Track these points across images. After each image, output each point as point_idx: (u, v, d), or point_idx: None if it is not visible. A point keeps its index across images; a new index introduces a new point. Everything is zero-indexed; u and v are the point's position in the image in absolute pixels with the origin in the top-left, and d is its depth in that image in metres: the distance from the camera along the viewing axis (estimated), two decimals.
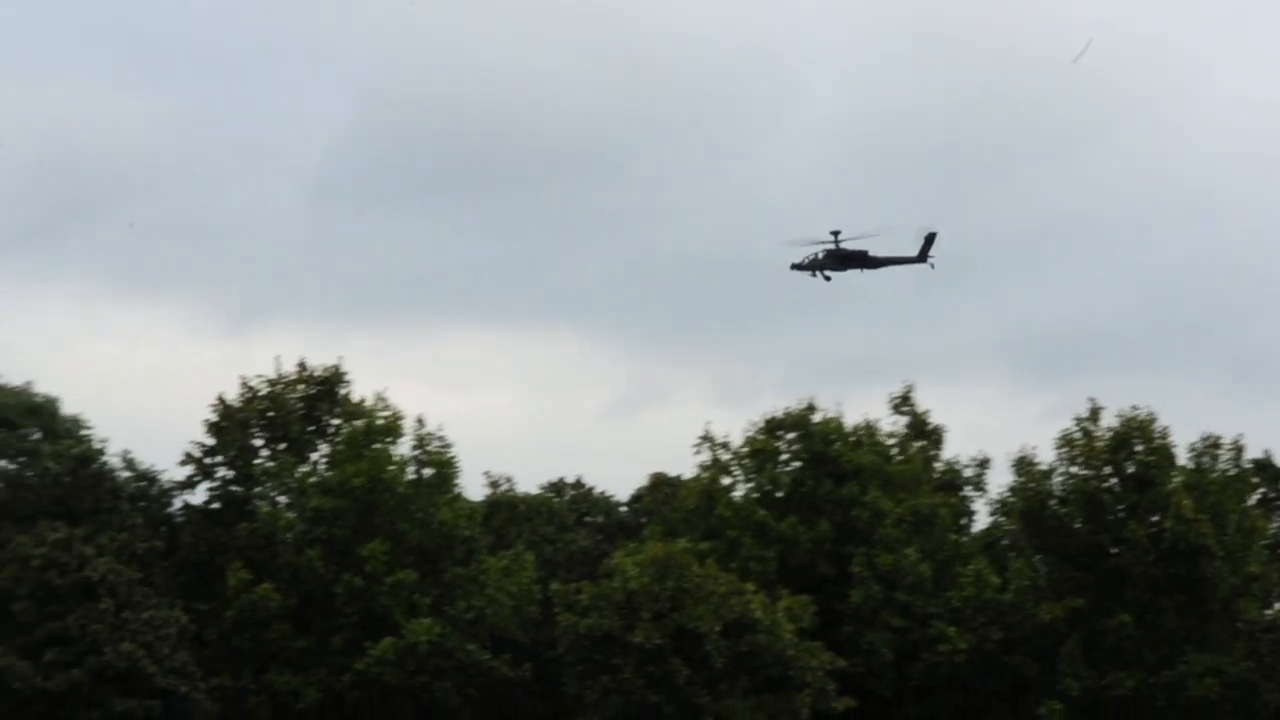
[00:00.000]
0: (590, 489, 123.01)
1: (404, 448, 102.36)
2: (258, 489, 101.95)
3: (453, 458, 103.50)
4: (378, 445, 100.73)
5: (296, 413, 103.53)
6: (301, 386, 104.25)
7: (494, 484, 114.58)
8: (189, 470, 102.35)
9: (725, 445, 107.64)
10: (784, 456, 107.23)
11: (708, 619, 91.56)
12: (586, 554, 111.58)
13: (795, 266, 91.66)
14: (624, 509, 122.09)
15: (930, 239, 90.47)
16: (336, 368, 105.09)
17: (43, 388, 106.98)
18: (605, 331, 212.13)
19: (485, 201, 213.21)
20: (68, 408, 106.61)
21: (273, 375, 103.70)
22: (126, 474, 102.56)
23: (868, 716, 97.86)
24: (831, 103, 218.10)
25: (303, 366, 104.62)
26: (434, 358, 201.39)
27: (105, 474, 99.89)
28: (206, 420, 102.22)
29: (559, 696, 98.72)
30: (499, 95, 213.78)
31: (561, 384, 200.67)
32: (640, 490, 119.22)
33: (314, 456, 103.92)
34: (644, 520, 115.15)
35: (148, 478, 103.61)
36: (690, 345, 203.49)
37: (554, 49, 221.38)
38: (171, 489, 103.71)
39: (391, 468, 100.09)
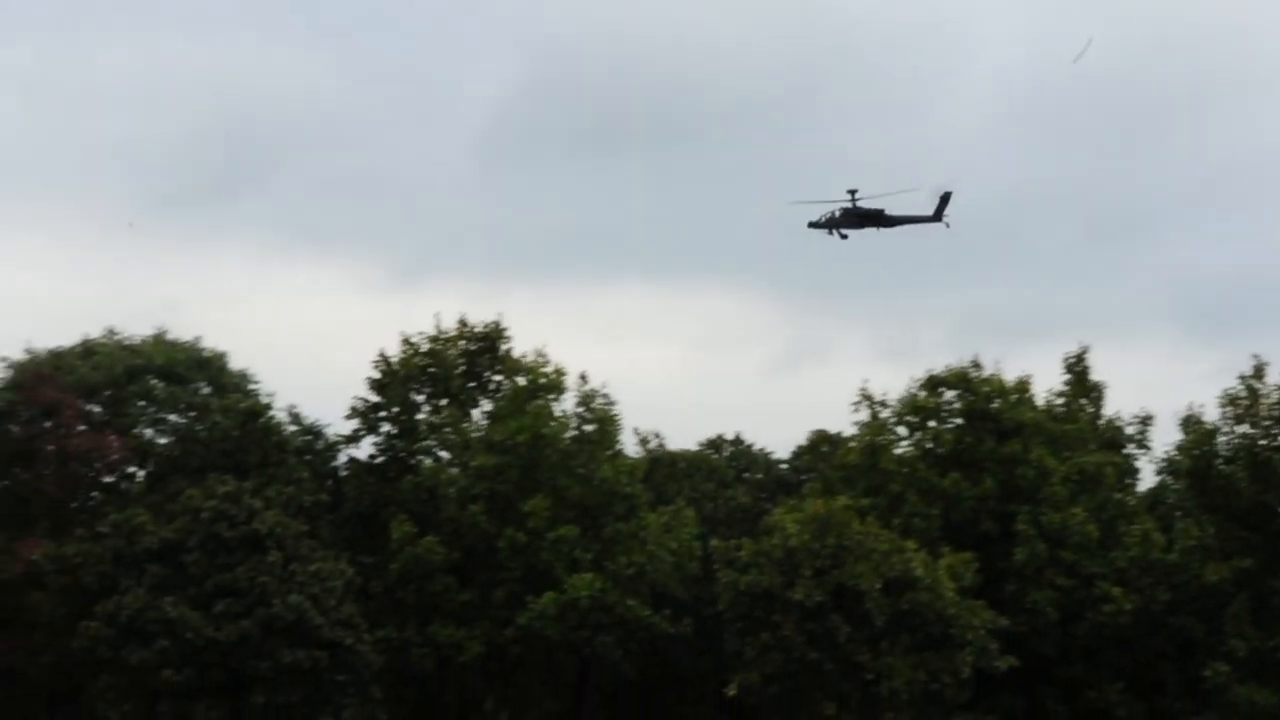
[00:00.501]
0: (749, 446, 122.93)
1: (566, 404, 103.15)
2: (421, 444, 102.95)
3: (615, 414, 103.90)
4: (539, 401, 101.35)
5: (458, 368, 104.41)
6: (462, 343, 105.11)
7: (643, 441, 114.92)
8: (354, 425, 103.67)
9: (883, 403, 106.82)
10: (945, 413, 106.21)
11: (868, 576, 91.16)
12: (746, 511, 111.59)
13: (812, 224, 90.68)
14: (784, 466, 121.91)
15: (945, 198, 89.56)
16: (497, 324, 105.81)
17: (211, 343, 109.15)
18: (768, 288, 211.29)
19: (651, 157, 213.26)
20: (236, 363, 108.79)
21: (433, 331, 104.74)
22: (293, 428, 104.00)
23: (1031, 675, 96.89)
24: (1002, 60, 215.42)
25: (464, 323, 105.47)
26: (596, 314, 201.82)
27: (272, 428, 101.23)
28: (369, 377, 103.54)
29: (719, 652, 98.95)
30: (667, 51, 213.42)
31: (723, 340, 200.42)
32: (800, 447, 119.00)
33: (475, 413, 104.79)
34: (804, 477, 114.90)
35: (313, 432, 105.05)
36: (852, 302, 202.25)
37: (724, 4, 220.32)
38: (337, 443, 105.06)
39: (553, 424, 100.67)
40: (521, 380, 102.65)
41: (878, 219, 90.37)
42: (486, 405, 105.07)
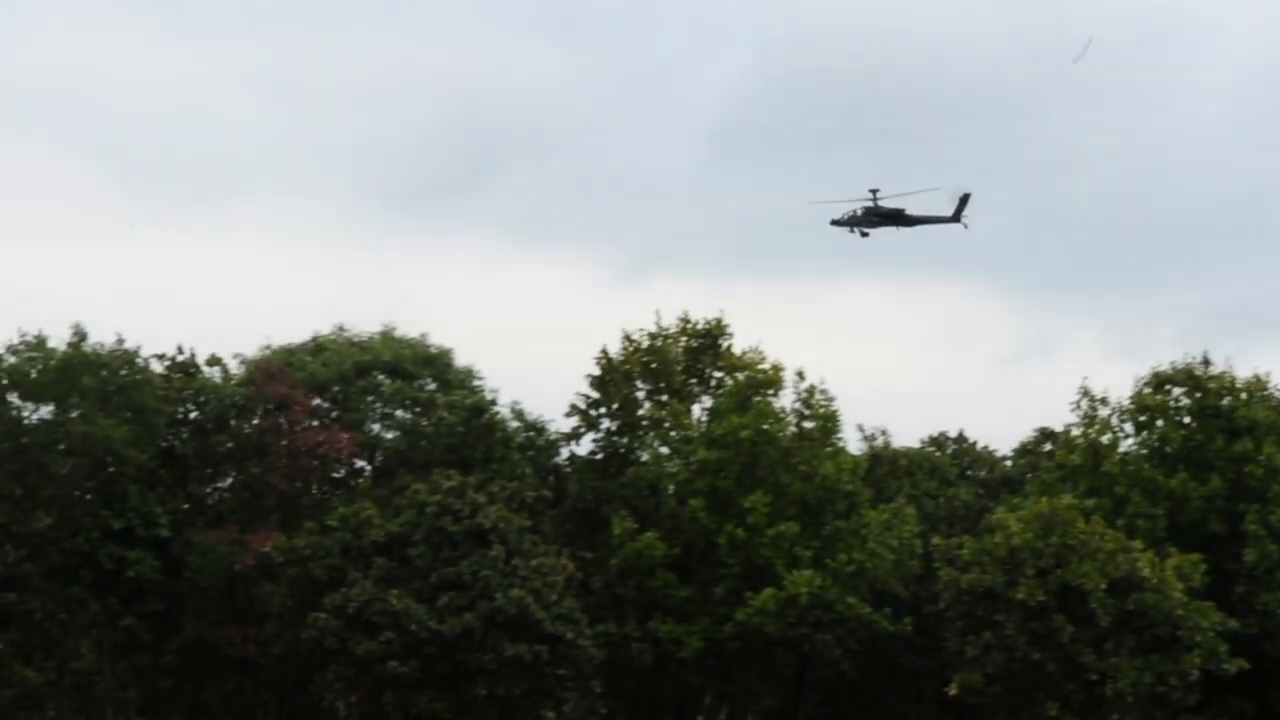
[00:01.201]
0: (973, 443, 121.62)
1: (785, 400, 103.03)
2: (641, 440, 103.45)
3: (835, 411, 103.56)
4: (758, 398, 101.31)
5: (679, 365, 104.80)
6: (684, 339, 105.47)
7: (869, 438, 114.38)
8: (575, 421, 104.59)
9: (1104, 400, 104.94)
10: (1171, 411, 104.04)
11: (1093, 576, 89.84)
12: (968, 509, 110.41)
13: (834, 222, 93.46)
14: (1008, 463, 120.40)
15: (964, 199, 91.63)
16: (719, 320, 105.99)
17: (438, 339, 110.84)
18: (996, 283, 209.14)
19: (880, 151, 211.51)
20: (461, 359, 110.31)
21: (654, 328, 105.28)
22: (516, 424, 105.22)
23: (1261, 679, 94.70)
24: (1246, 49, 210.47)
25: (685, 319, 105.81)
26: (820, 310, 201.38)
27: (496, 424, 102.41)
28: (590, 374, 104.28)
29: (940, 651, 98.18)
30: (898, 44, 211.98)
31: (949, 336, 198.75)
32: (1025, 444, 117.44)
33: (696, 409, 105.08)
34: (1028, 475, 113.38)
35: (536, 428, 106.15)
36: (1084, 298, 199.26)
37: None
38: (558, 439, 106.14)
39: (774, 421, 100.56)
40: (741, 376, 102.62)
41: (898, 218, 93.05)
42: (707, 401, 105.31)
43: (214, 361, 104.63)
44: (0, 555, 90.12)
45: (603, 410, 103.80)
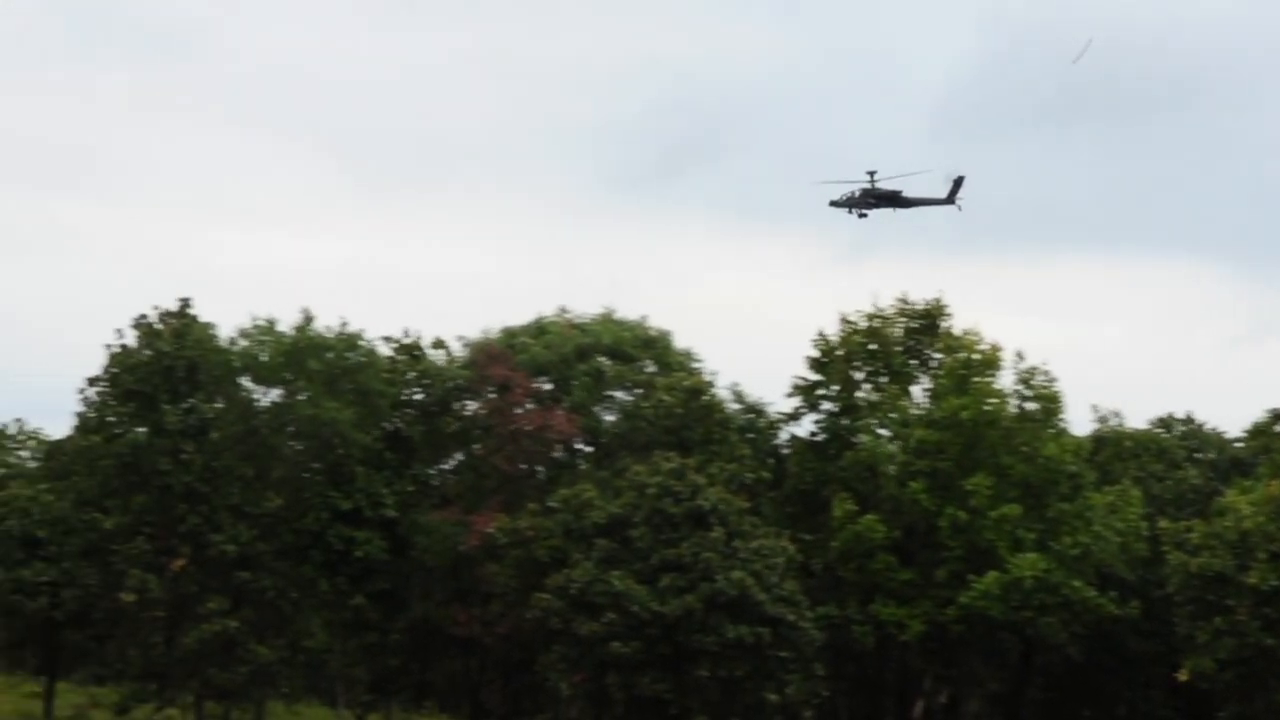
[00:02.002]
0: (1201, 424, 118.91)
1: (1005, 381, 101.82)
2: (861, 421, 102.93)
3: (1057, 392, 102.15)
4: (978, 379, 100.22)
5: (897, 346, 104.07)
6: (903, 320, 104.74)
7: (1102, 419, 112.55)
8: (794, 403, 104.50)
9: None
10: None
11: None
12: (1197, 491, 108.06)
13: (833, 203, 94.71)
14: (1238, 445, 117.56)
15: (959, 182, 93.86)
16: (938, 300, 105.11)
17: (657, 321, 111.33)
18: (1225, 261, 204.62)
19: (1102, 129, 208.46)
20: (680, 341, 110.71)
21: (872, 310, 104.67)
22: (735, 406, 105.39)
23: None
24: None
25: (904, 300, 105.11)
26: (1043, 288, 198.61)
27: (715, 406, 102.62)
28: (809, 355, 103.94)
29: (1168, 636, 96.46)
30: (1124, 19, 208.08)
31: (1175, 315, 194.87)
32: (1257, 425, 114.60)
33: (916, 390, 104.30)
34: (1259, 457, 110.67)
35: (755, 410, 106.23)
36: None
37: None
38: (778, 421, 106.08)
39: (994, 401, 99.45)
40: (959, 357, 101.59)
41: (894, 200, 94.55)
42: (926, 383, 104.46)
43: (439, 344, 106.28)
44: (234, 535, 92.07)
45: (822, 392, 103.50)
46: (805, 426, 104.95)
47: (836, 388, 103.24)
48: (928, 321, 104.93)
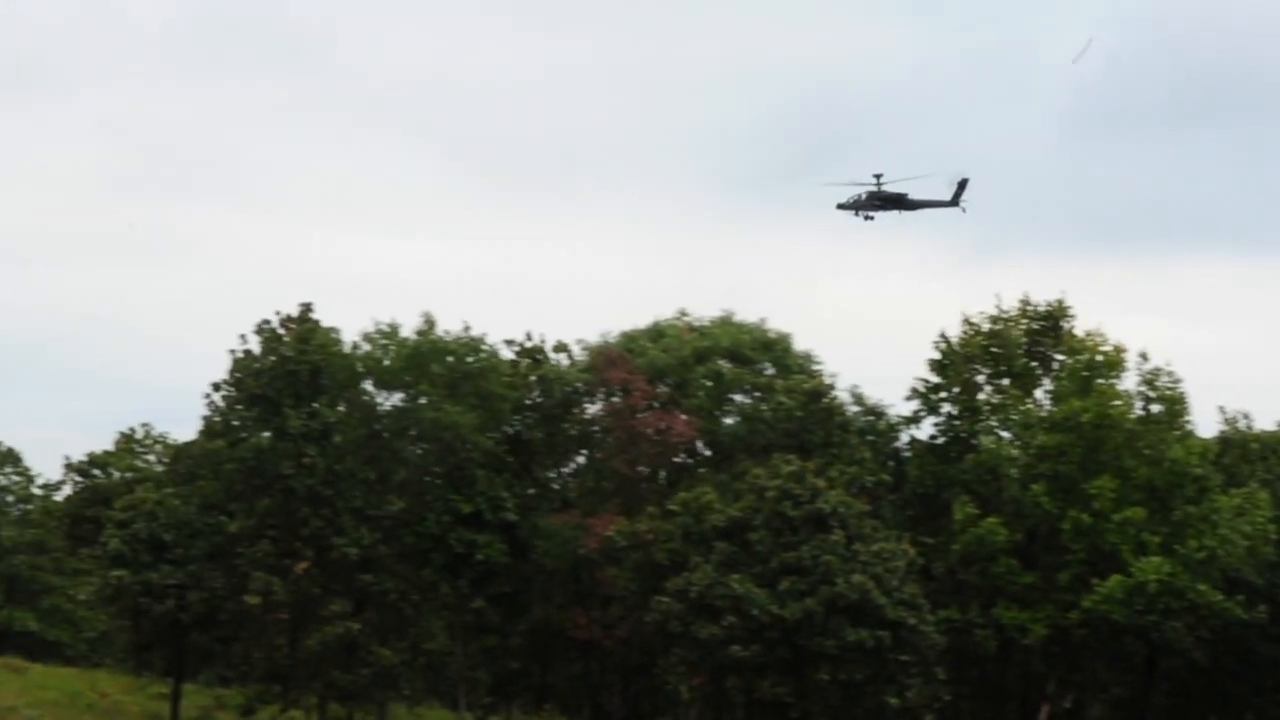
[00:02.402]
0: None
1: (1129, 382, 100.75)
2: (982, 424, 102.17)
3: (1182, 393, 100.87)
4: (1101, 381, 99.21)
5: (1019, 348, 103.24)
6: (1025, 321, 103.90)
7: (1229, 421, 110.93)
8: (915, 405, 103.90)
9: None
10: None
11: None
12: None
13: (840, 206, 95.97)
14: None
15: (962, 184, 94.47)
16: (1060, 302, 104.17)
17: (777, 324, 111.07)
18: None
19: (1238, 128, 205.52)
20: (800, 343, 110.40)
21: (994, 311, 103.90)
22: (855, 409, 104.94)
23: None
24: None
25: (1026, 302, 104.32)
26: (1168, 289, 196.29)
27: (835, 408, 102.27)
28: (930, 357, 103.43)
29: None
30: (1254, 15, 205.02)
31: None
32: None
33: (1038, 392, 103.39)
34: None
35: (875, 413, 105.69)
36: None
37: None
38: (898, 424, 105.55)
39: (1117, 403, 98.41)
40: (1081, 359, 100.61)
41: (900, 202, 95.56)
42: (1049, 385, 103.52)
43: (560, 348, 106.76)
44: (356, 538, 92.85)
45: (943, 394, 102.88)
46: (926, 429, 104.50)
47: (957, 390, 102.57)
48: (1050, 323, 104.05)
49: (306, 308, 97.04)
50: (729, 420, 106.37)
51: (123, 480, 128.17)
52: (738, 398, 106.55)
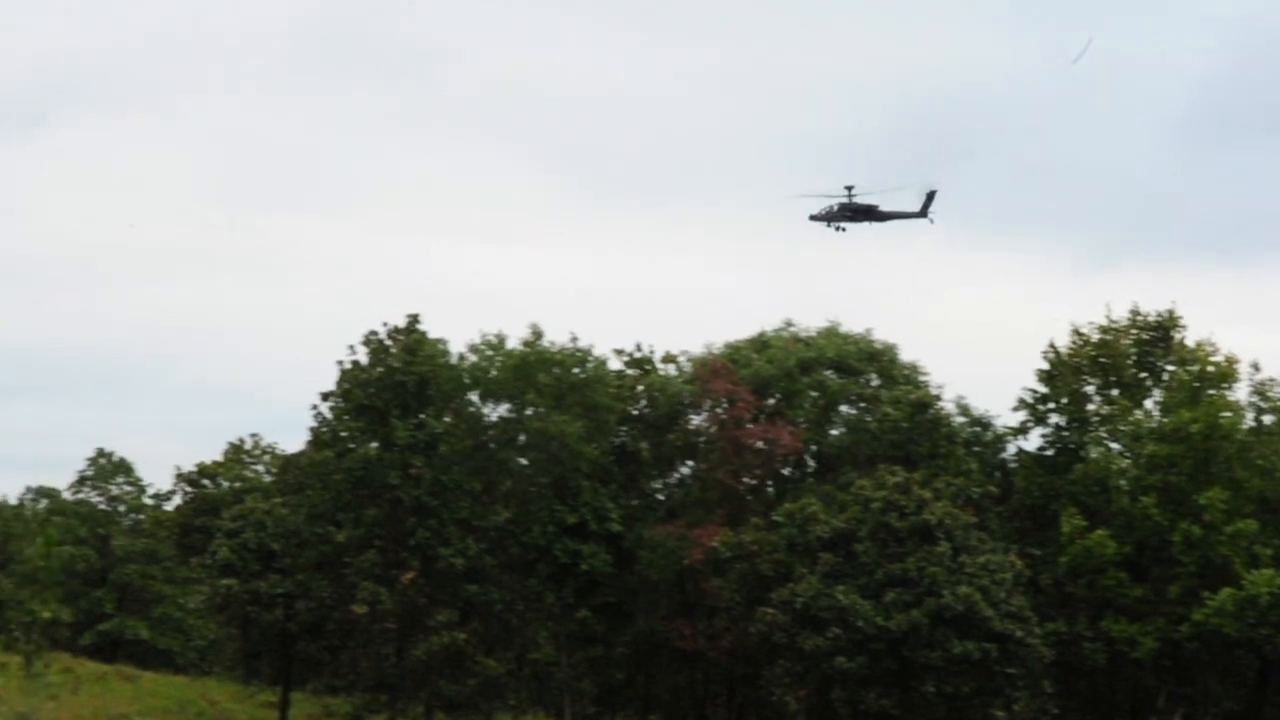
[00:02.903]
0: None
1: (1240, 393, 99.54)
2: (1090, 435, 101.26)
3: None
4: (1212, 392, 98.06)
5: (1129, 359, 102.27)
6: (1134, 332, 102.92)
7: None
8: (1022, 416, 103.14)
9: None
10: None
11: None
12: None
13: (812, 217, 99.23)
14: None
15: (931, 196, 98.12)
16: (1171, 312, 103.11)
17: (882, 335, 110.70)
18: None
19: None
20: (906, 354, 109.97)
21: (1104, 321, 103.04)
22: (961, 420, 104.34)
23: None
24: None
25: (1135, 312, 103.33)
26: None
27: (941, 419, 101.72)
28: (1039, 368, 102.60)
29: None
30: None
31: None
32: None
33: (1148, 403, 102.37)
34: None
35: (982, 424, 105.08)
36: None
37: None
38: (1005, 435, 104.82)
39: (1228, 414, 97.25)
40: (1191, 369, 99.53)
41: (870, 213, 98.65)
42: (1158, 395, 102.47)
43: (669, 359, 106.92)
44: (462, 549, 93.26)
45: (1051, 405, 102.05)
46: (1033, 440, 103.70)
47: (1065, 400, 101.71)
48: (1160, 333, 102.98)
49: (414, 319, 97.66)
50: (834, 431, 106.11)
51: (231, 490, 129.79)
52: (843, 409, 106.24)
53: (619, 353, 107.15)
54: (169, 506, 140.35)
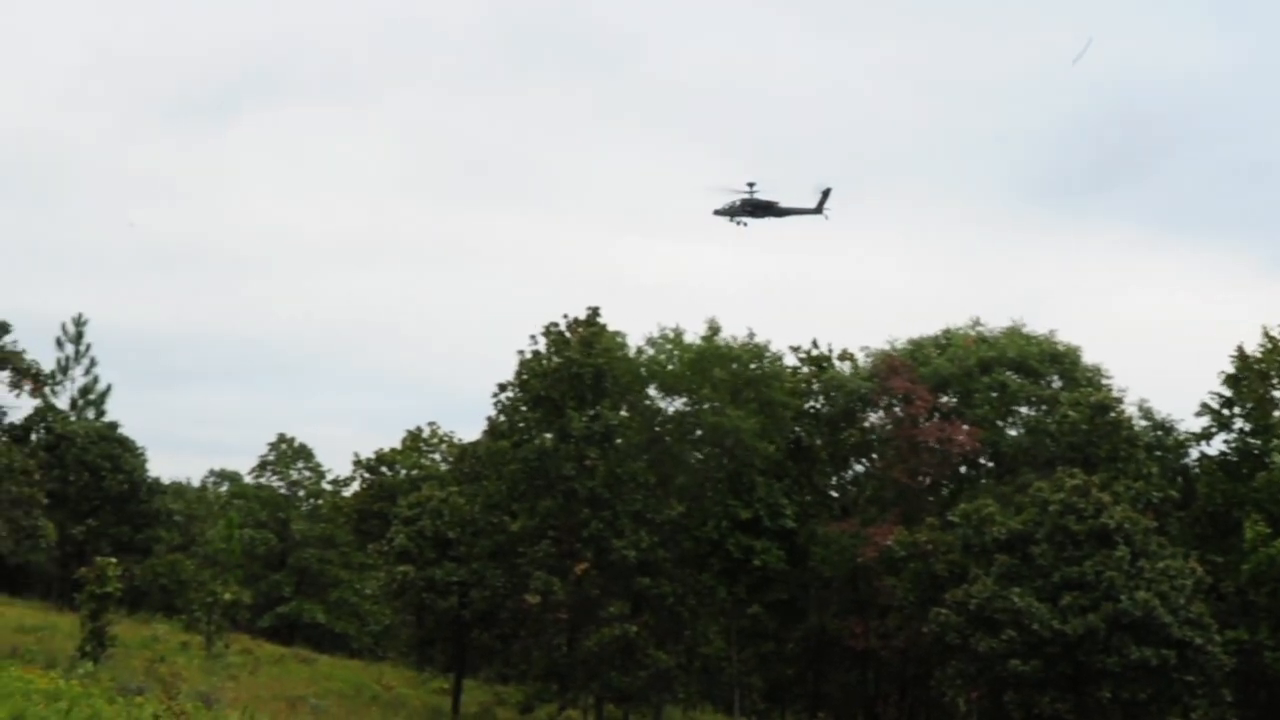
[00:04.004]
0: None
1: None
2: (1276, 442, 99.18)
3: None
4: None
5: None
6: None
7: None
8: (1205, 421, 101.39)
9: None
10: None
11: None
12: None
13: (716, 212, 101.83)
14: None
15: (826, 193, 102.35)
16: None
17: (1067, 336, 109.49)
18: None
19: None
20: (1089, 356, 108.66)
21: None
22: (1143, 423, 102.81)
23: None
24: None
25: None
26: None
27: (1122, 423, 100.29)
28: (1224, 372, 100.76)
29: None
30: None
31: None
32: None
33: None
34: None
35: (1164, 427, 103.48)
36: None
37: None
38: (1188, 439, 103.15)
39: None
40: None
41: (770, 209, 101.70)
42: None
43: (845, 356, 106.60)
44: (635, 541, 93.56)
45: (1236, 410, 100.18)
46: (1217, 445, 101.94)
47: (1251, 406, 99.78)
48: None
49: (593, 312, 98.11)
50: (1012, 432, 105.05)
51: (408, 478, 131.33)
52: (1023, 409, 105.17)
53: (795, 349, 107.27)
54: (347, 493, 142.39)
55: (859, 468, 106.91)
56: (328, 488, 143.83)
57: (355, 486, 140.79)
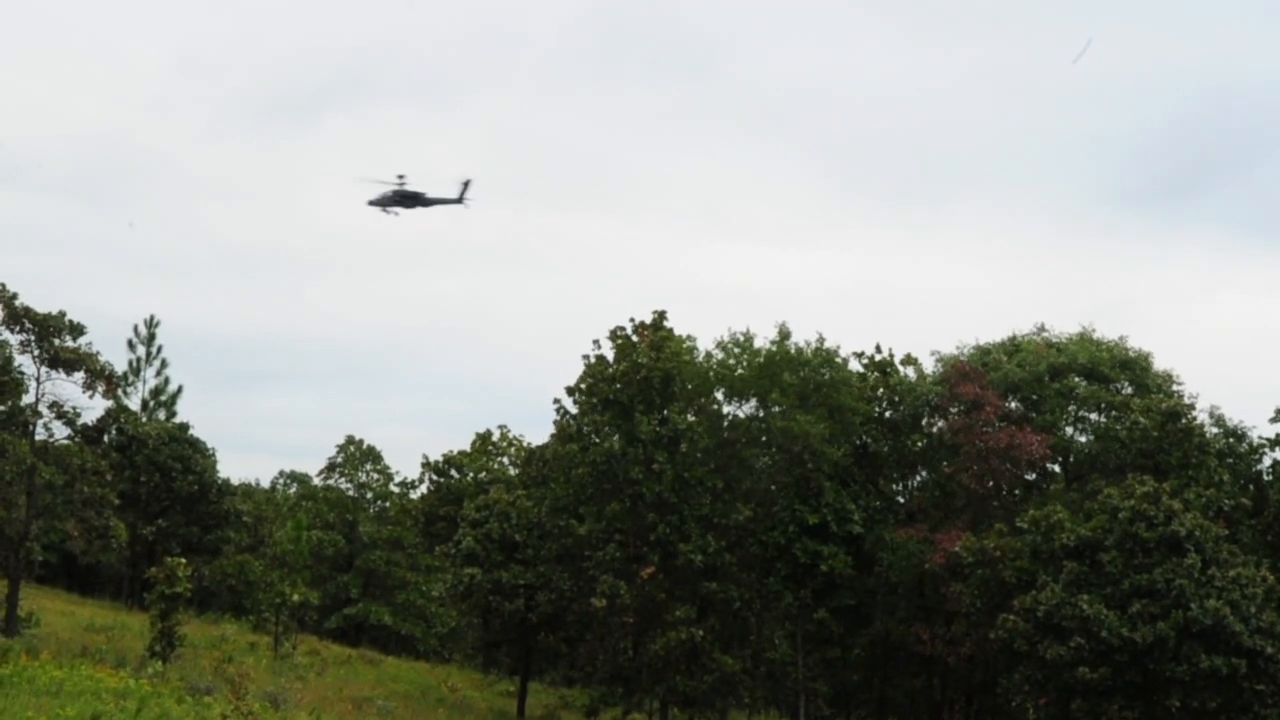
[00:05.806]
0: None
1: None
2: None
3: None
4: None
5: None
6: None
7: None
8: (1279, 428, 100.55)
9: None
10: None
11: None
12: None
13: (370, 203, 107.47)
14: None
15: (466, 184, 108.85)
16: None
17: (1137, 342, 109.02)
18: None
19: None
20: (1161, 363, 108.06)
21: None
22: (1214, 430, 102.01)
23: None
24: None
25: None
26: None
27: (1193, 429, 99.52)
28: None
29: None
30: None
31: None
32: None
33: None
34: None
35: (1236, 435, 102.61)
36: None
37: None
38: (1260, 446, 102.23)
39: None
40: None
41: (418, 199, 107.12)
42: None
43: (909, 361, 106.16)
44: (701, 545, 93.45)
45: None
46: None
47: None
48: None
49: (661, 315, 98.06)
50: (1082, 438, 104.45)
51: (475, 481, 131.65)
52: (1092, 416, 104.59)
53: (858, 355, 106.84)
54: (415, 495, 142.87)
55: (927, 473, 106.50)
56: (395, 490, 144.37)
57: (423, 489, 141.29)
